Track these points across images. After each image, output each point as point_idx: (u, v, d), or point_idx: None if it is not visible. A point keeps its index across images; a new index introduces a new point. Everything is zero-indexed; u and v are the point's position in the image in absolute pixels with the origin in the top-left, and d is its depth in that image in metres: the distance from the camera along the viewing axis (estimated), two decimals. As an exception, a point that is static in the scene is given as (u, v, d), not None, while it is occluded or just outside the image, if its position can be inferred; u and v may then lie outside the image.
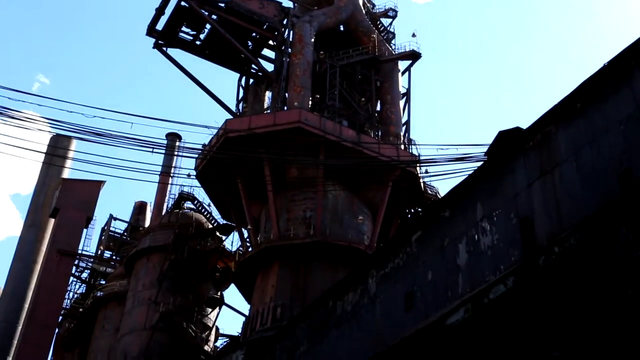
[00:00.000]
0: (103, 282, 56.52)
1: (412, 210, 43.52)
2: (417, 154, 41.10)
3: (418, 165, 39.82)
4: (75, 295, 60.35)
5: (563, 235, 10.98)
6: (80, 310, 56.77)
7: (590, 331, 11.51)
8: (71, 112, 20.28)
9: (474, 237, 14.56)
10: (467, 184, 15.54)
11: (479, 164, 16.29)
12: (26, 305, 51.65)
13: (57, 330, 53.26)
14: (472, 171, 15.91)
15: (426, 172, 40.38)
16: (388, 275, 17.19)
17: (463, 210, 15.32)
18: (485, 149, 15.69)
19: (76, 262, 54.74)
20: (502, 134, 14.75)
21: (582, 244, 10.61)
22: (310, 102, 41.55)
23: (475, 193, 15.12)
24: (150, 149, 20.85)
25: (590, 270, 10.72)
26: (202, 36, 47.74)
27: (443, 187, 75.23)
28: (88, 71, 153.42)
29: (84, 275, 60.89)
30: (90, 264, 60.74)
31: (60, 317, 53.93)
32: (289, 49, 43.89)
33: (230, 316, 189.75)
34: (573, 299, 10.74)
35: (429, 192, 42.60)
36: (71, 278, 53.05)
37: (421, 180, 41.46)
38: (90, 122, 20.09)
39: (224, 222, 45.75)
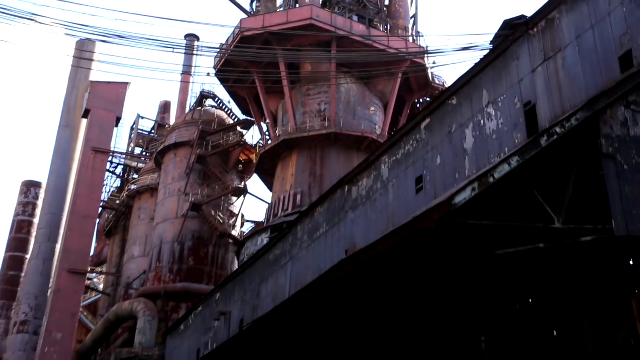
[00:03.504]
0: (136, 177, 57.45)
1: (421, 100, 43.24)
2: (424, 46, 40.51)
3: (426, 56, 39.25)
4: (112, 189, 61.61)
5: (564, 117, 10.87)
6: (117, 202, 58.09)
7: (590, 204, 11.63)
8: (94, 15, 19.89)
9: (480, 123, 14.46)
10: (473, 72, 15.27)
11: (485, 52, 15.95)
12: (68, 199, 52.82)
13: (97, 220, 54.70)
14: (477, 60, 15.60)
15: (434, 63, 39.88)
16: (399, 161, 17.26)
17: (469, 98, 15.14)
18: (490, 38, 15.33)
19: (110, 158, 55.41)
20: (507, 23, 14.35)
21: (582, 124, 10.50)
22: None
23: (481, 81, 14.88)
24: (171, 49, 20.56)
25: (590, 149, 10.68)
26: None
27: (450, 77, 74.13)
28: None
29: (118, 170, 61.91)
30: (122, 160, 61.55)
31: (100, 209, 55.22)
32: (299, -53, 42.27)
33: (254, 204, 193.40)
34: (574, 176, 10.76)
35: (437, 82, 42.22)
36: (106, 174, 53.87)
37: (429, 71, 41.01)
38: (112, 26, 19.74)
39: (244, 117, 45.77)
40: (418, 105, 42.97)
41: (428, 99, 42.21)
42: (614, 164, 10.02)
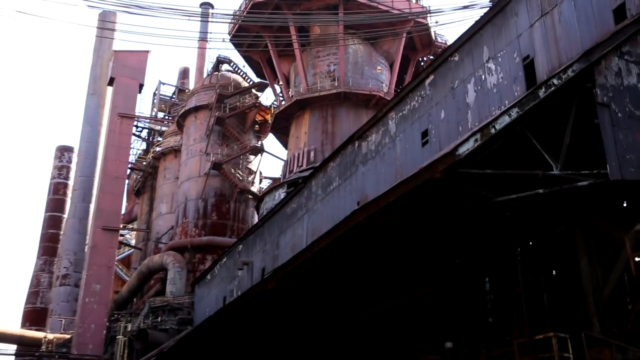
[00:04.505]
0: (160, 139, 57.65)
1: (425, 58, 42.76)
2: (427, 6, 39.92)
3: (428, 15, 38.66)
4: (139, 152, 61.95)
5: (561, 69, 10.71)
6: (144, 163, 58.45)
7: (586, 151, 11.55)
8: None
9: (481, 77, 14.30)
10: (474, 29, 15.02)
11: (484, 10, 15.64)
12: (98, 162, 53.18)
13: (127, 181, 55.18)
14: (478, 18, 15.32)
15: (436, 22, 39.27)
16: (406, 117, 17.17)
17: (470, 54, 14.94)
18: (490, -5, 15.01)
19: (135, 123, 55.56)
20: (505, -20, 14.00)
21: (578, 76, 10.35)
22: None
23: (481, 37, 14.64)
24: (187, 17, 20.33)
25: (585, 99, 10.55)
26: None
27: (452, 35, 72.90)
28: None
29: (143, 134, 62.13)
30: (147, 124, 61.72)
31: (128, 170, 55.63)
32: None
33: (270, 161, 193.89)
34: (571, 125, 10.66)
35: (439, 40, 41.71)
36: (132, 137, 54.07)
37: (432, 30, 40.46)
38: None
39: (259, 80, 45.55)
40: (422, 63, 42.54)
41: (431, 57, 41.72)
42: (608, 112, 9.92)
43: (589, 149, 11.31)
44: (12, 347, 53.54)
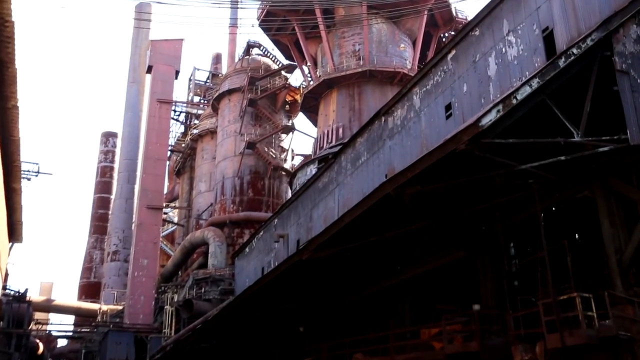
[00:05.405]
0: (197, 122, 58.10)
1: (446, 34, 42.05)
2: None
3: (449, -8, 37.93)
4: (177, 134, 62.60)
5: (580, 38, 10.44)
6: (183, 145, 59.06)
7: (606, 118, 11.30)
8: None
9: (502, 50, 14.02)
10: (493, 3, 14.68)
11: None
12: (141, 145, 53.94)
13: (167, 162, 55.94)
14: (497, -8, 14.93)
15: (456, -2, 38.49)
16: (429, 91, 16.97)
17: (491, 28, 14.64)
18: (508, -31, 14.59)
19: (173, 107, 56.05)
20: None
21: (597, 44, 10.08)
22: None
23: (501, 11, 14.32)
24: (218, 4, 20.28)
25: (605, 67, 10.29)
26: None
27: (472, 10, 71.48)
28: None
29: (181, 118, 62.66)
30: (184, 108, 62.20)
31: (169, 152, 56.38)
32: None
33: (301, 139, 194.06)
34: (591, 93, 10.42)
35: (460, 16, 40.93)
36: (171, 121, 54.66)
37: (452, 7, 39.70)
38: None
39: (288, 62, 45.42)
40: (444, 39, 41.84)
41: (453, 33, 41.00)
42: (627, 78, 9.66)
43: (609, 115, 11.05)
44: (71, 318, 55.19)
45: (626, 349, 10.49)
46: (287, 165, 45.60)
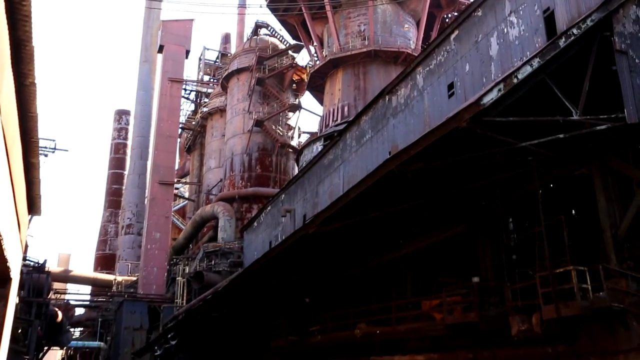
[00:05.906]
0: (206, 100, 58.02)
1: (449, 15, 41.61)
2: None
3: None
4: (188, 112, 62.58)
5: (580, 19, 10.34)
6: (193, 123, 59.06)
7: (604, 97, 11.24)
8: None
9: (504, 31, 13.91)
10: (497, -16, 14.51)
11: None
12: (152, 123, 54.02)
13: (178, 139, 56.06)
14: (500, -27, 14.74)
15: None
16: (432, 71, 16.88)
17: (493, 9, 14.50)
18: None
19: (184, 86, 56.00)
20: None
21: (597, 25, 9.99)
22: None
23: (504, -8, 14.16)
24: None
25: (604, 47, 10.20)
26: None
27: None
28: None
29: (192, 96, 62.57)
30: (194, 87, 62.07)
31: (180, 130, 56.49)
32: None
33: (308, 117, 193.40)
34: (590, 72, 10.36)
35: (463, -3, 40.45)
36: (182, 99, 54.64)
37: (456, -13, 39.20)
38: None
39: (294, 42, 45.14)
40: (447, 20, 41.42)
41: (455, 14, 40.55)
42: (626, 58, 9.59)
43: (607, 95, 10.99)
44: (88, 288, 55.88)
45: (619, 320, 10.59)
46: (294, 143, 45.62)
